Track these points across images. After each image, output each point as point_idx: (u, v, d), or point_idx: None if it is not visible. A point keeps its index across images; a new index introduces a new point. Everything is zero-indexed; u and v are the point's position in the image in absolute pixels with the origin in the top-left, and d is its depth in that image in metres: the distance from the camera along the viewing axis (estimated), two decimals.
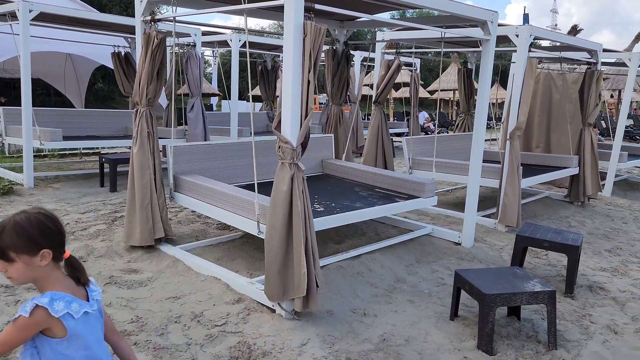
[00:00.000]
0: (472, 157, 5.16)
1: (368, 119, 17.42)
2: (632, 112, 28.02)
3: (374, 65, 14.08)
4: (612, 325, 3.75)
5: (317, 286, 3.38)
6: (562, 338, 3.49)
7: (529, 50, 5.69)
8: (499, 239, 5.65)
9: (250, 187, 4.72)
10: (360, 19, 5.57)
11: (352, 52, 6.02)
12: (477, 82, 5.24)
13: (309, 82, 3.24)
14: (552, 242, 4.29)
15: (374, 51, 10.70)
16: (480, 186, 5.40)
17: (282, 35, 3.47)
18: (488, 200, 7.21)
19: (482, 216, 6.24)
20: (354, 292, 4.03)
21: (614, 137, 8.46)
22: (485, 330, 3.25)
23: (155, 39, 4.31)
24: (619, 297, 4.28)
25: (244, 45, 9.26)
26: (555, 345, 3.34)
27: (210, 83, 23.58)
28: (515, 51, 8.38)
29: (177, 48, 8.44)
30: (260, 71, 11.08)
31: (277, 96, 13.49)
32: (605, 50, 7.62)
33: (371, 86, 16.97)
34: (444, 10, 4.26)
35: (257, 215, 3.63)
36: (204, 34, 9.07)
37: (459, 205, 6.88)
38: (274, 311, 3.53)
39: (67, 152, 10.72)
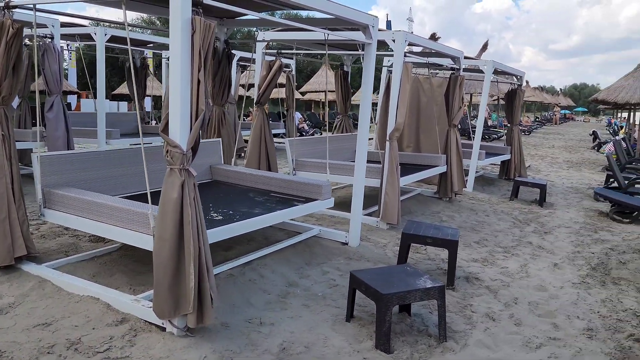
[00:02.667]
0: (357, 158, 5.26)
1: (243, 120, 17.19)
2: None
3: (248, 65, 13.90)
4: (490, 313, 4.04)
5: (212, 300, 3.18)
6: (450, 330, 3.67)
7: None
8: (382, 237, 5.84)
9: (135, 198, 4.34)
10: (242, 17, 5.41)
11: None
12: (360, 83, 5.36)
13: (199, 81, 3.03)
14: (434, 238, 4.52)
15: (248, 51, 10.54)
16: None
17: (150, 29, 3.19)
18: (368, 198, 7.43)
19: (364, 215, 6.41)
20: (248, 300, 3.88)
21: (469, 137, 9.24)
22: (383, 330, 3.30)
23: (11, 29, 3.75)
24: (491, 286, 4.64)
25: (109, 40, 8.55)
26: (445, 337, 3.51)
27: (67, 79, 21.59)
28: (386, 55, 8.78)
29: (27, 40, 7.53)
30: (128, 68, 10.34)
31: (148, 95, 12.71)
32: (465, 58, 8.28)
33: (244, 86, 16.67)
34: (330, 12, 4.27)
35: (153, 229, 3.29)
36: (63, 25, 8.20)
37: (341, 205, 7.01)
38: (164, 329, 3.25)
39: None
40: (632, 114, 19.60)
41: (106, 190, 4.45)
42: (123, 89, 23.32)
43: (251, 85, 21.30)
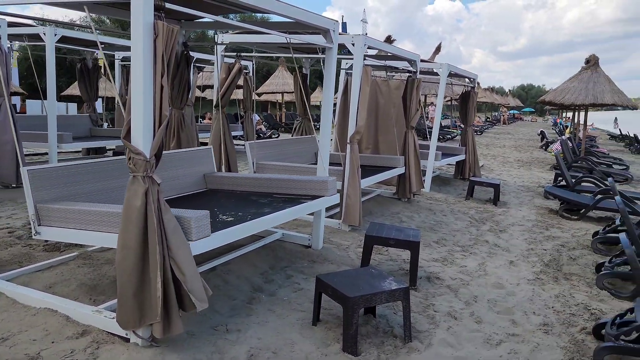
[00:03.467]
0: (320, 161, 5.28)
1: (199, 122, 16.97)
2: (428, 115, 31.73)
3: (204, 66, 13.70)
4: (451, 312, 4.15)
5: (194, 307, 3.12)
6: (414, 330, 3.75)
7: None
8: (344, 239, 5.89)
9: None
10: (201, 20, 5.34)
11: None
12: (319, 86, 5.38)
13: (162, 87, 2.97)
14: (397, 240, 4.60)
15: (202, 52, 10.39)
16: None
17: (99, 30, 3.12)
18: None
19: (326, 217, 6.44)
20: (213, 307, 3.83)
21: (424, 137, 9.43)
22: (350, 333, 3.33)
23: None
24: (452, 285, 4.76)
25: (59, 40, 8.25)
26: (410, 337, 3.58)
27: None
28: (343, 58, 8.85)
29: None
30: (79, 69, 10.01)
31: (100, 97, 12.33)
32: (422, 61, 8.45)
33: (199, 87, 16.30)
34: (292, 16, 4.27)
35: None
36: (9, 25, 7.85)
37: None
38: (128, 340, 3.17)
39: None
40: (576, 114, 20.50)
41: (107, 203, 4.13)
42: (72, 89, 22.57)
43: (206, 87, 21.02)
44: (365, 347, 3.44)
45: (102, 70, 10.51)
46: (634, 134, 23.64)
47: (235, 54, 6.38)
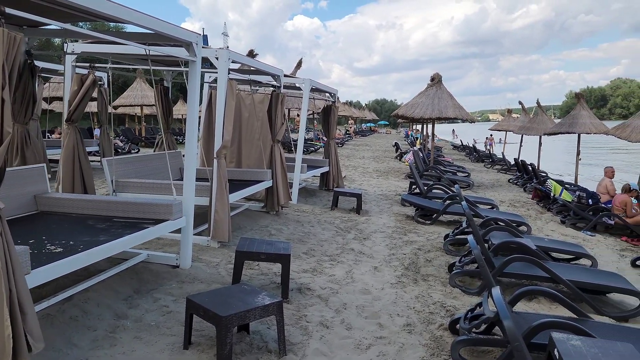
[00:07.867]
0: (186, 177, 5.12)
1: (48, 137, 15.48)
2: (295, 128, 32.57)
3: (50, 77, 12.57)
4: (323, 321, 4.25)
5: (30, 348, 2.79)
6: (289, 342, 3.78)
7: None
8: (214, 256, 5.76)
9: None
10: (48, 27, 4.90)
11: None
12: (181, 99, 5.19)
13: (3, 100, 2.66)
14: (268, 254, 4.61)
15: (47, 61, 9.59)
16: None
17: None
18: (195, 217, 7.26)
19: (194, 234, 6.24)
20: (70, 341, 3.51)
21: (289, 150, 9.62)
22: (224, 353, 3.25)
23: None
24: (322, 294, 4.89)
25: None
26: (285, 351, 3.60)
27: None
28: (206, 72, 8.72)
29: None
30: None
31: None
32: (285, 76, 8.62)
33: (46, 99, 15.02)
34: (152, 28, 4.10)
35: None
36: None
37: None
38: None
39: None
40: (425, 127, 22.41)
41: None
42: None
43: (54, 99, 19.29)
44: None
45: None
46: (473, 145, 26.48)
47: (88, 64, 5.94)
